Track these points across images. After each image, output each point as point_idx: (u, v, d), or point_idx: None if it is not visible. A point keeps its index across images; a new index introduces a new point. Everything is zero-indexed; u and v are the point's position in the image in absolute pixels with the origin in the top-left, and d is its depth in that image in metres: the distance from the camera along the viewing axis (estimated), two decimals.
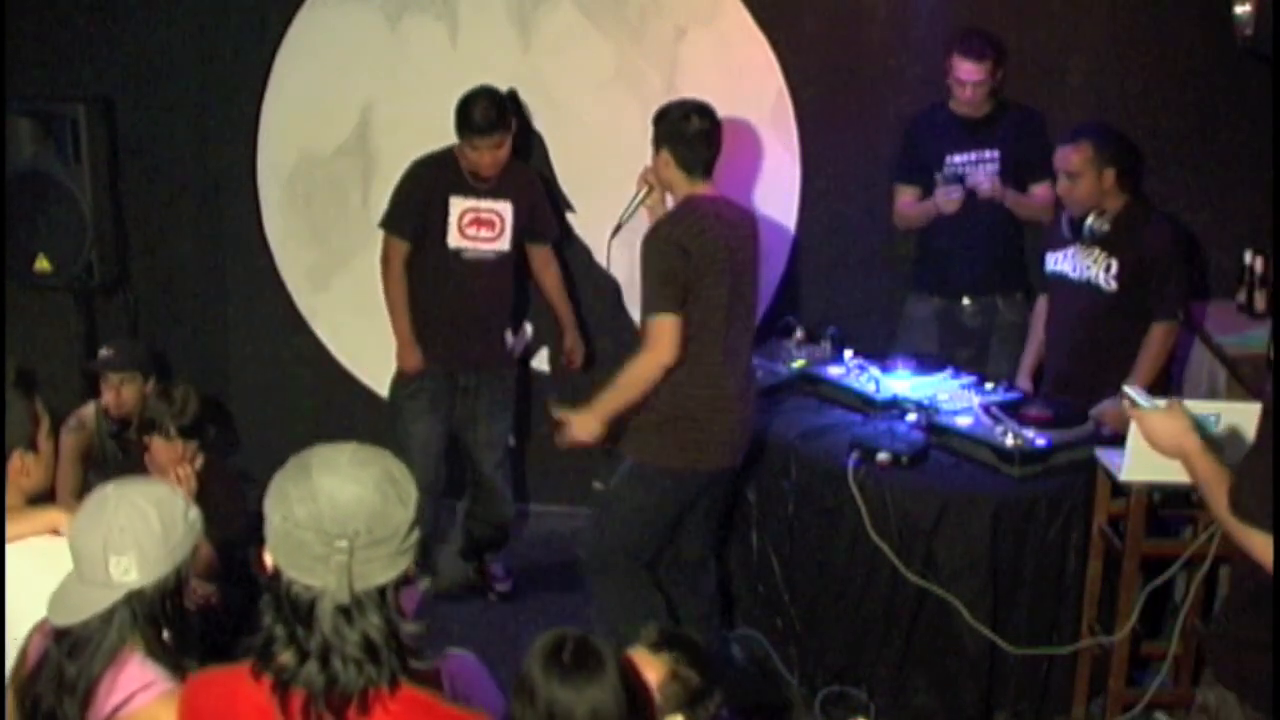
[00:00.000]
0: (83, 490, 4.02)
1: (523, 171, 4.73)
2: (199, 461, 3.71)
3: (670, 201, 3.82)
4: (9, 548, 2.46)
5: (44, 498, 2.69)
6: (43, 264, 5.04)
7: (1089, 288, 4.16)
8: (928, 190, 4.70)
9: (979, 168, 4.64)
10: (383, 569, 1.81)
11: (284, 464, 1.91)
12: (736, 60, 4.98)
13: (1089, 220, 4.12)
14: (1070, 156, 4.09)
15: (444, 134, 5.03)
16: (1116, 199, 4.13)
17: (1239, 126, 4.67)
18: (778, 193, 5.07)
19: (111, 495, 2.21)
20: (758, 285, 3.91)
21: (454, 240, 4.53)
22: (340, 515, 1.78)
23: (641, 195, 3.94)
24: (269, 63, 5.20)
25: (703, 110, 3.72)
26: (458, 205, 4.51)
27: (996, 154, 4.61)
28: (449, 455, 4.75)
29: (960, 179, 4.61)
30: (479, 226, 4.54)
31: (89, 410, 4.49)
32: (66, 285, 5.11)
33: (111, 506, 2.19)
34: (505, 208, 4.55)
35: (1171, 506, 3.67)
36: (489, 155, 4.42)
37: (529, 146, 5.11)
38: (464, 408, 4.69)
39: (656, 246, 3.66)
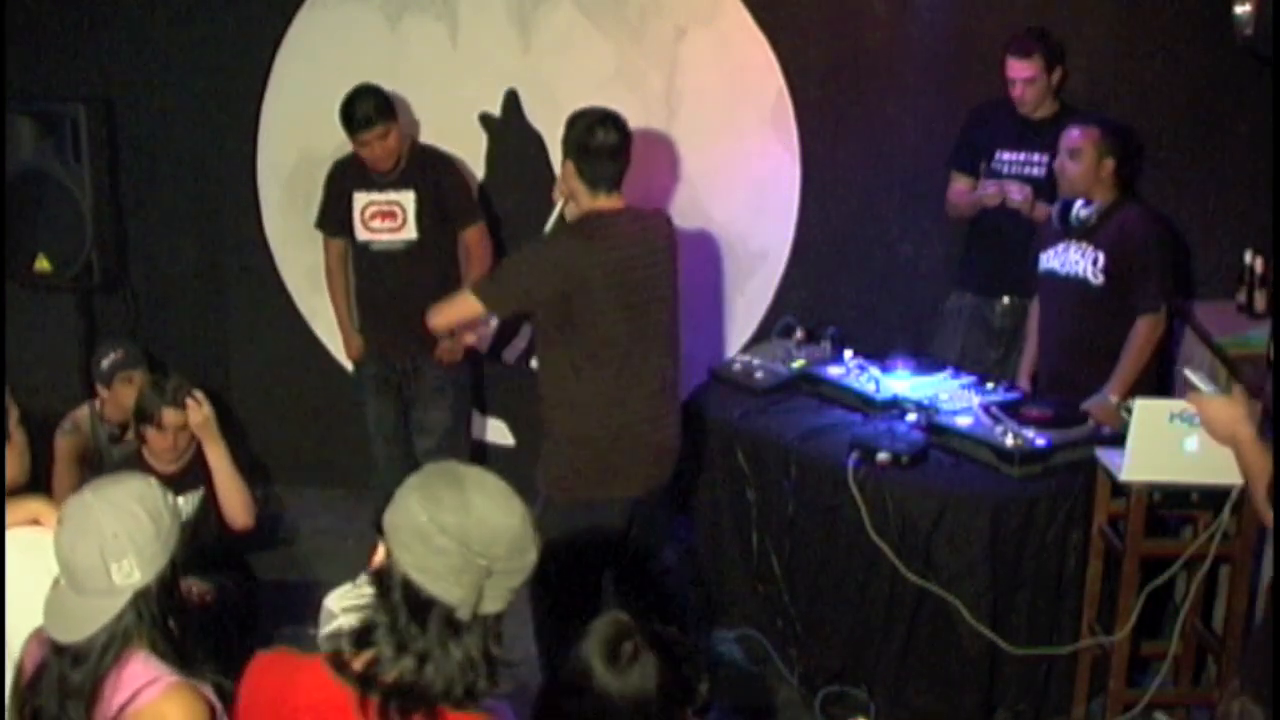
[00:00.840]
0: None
1: (433, 159, 4.80)
2: (203, 401, 3.75)
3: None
4: None
5: (21, 489, 2.66)
6: (43, 264, 5.04)
7: (1077, 282, 4.17)
8: (978, 181, 4.66)
9: (1025, 169, 4.59)
10: (499, 599, 1.85)
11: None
12: (736, 60, 4.98)
13: (1076, 207, 4.14)
14: (1076, 136, 4.13)
15: (444, 134, 5.05)
16: (1107, 192, 4.16)
17: (1239, 126, 4.68)
18: (778, 193, 5.07)
19: (93, 502, 2.17)
20: (675, 298, 3.67)
21: (360, 234, 4.72)
22: (488, 537, 1.81)
23: (559, 207, 3.78)
24: (269, 63, 5.20)
25: (611, 121, 3.56)
26: (360, 200, 4.69)
27: (1045, 159, 4.47)
28: (401, 436, 4.88)
29: (998, 176, 4.58)
30: (381, 218, 4.69)
31: (83, 413, 4.48)
32: (66, 285, 5.11)
33: (97, 514, 2.15)
34: (407, 197, 4.66)
35: (1171, 506, 3.68)
36: (378, 147, 4.55)
37: (525, 146, 5.12)
38: (408, 390, 4.87)
39: (538, 253, 3.62)
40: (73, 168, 4.97)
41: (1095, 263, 4.13)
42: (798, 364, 4.49)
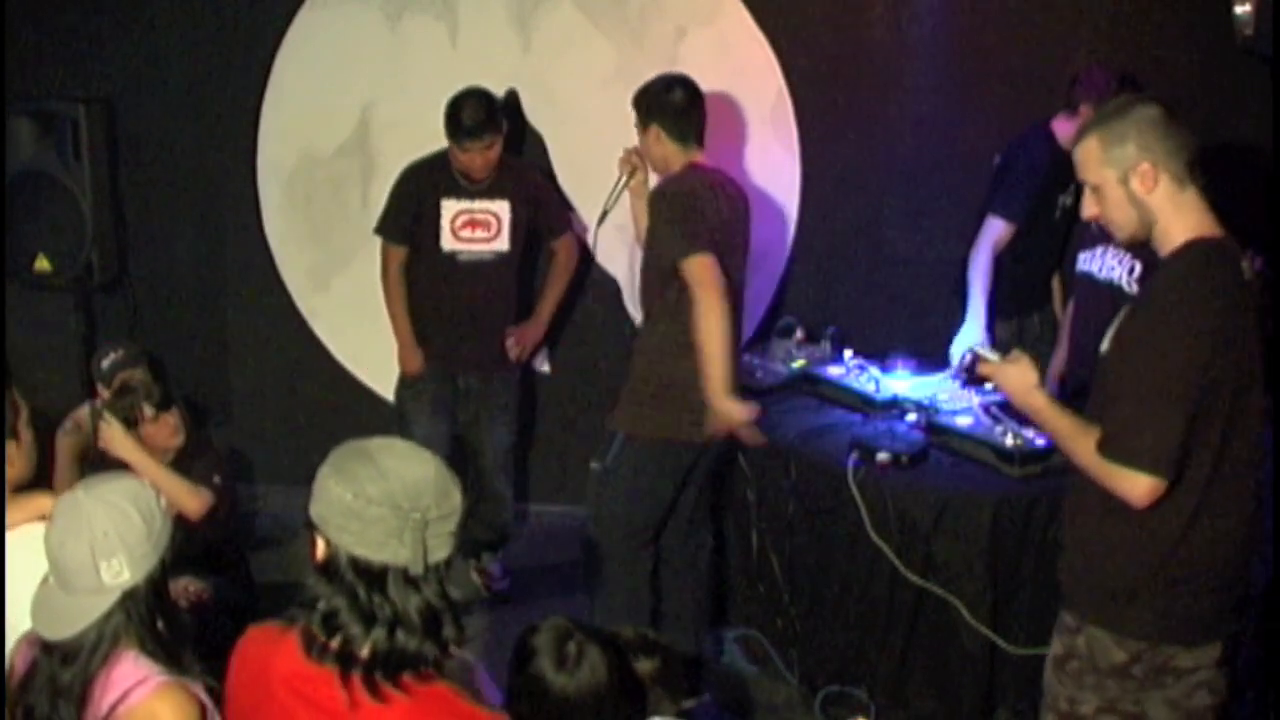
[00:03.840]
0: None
1: (520, 168, 4.72)
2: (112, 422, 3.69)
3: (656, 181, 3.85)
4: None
5: (29, 486, 2.67)
6: (43, 263, 5.03)
7: (1111, 289, 4.12)
8: (1027, 226, 4.45)
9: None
10: (443, 545, 1.92)
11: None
12: (736, 60, 4.98)
13: None
14: None
15: (444, 134, 5.04)
16: None
17: (1239, 127, 4.67)
18: (778, 193, 5.07)
19: (84, 500, 2.18)
20: (747, 263, 3.90)
21: (448, 243, 4.53)
22: (411, 491, 1.88)
23: (625, 179, 3.96)
24: (269, 63, 5.20)
25: (685, 81, 3.80)
26: (450, 208, 4.51)
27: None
28: (453, 458, 4.74)
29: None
30: (473, 228, 4.53)
31: (83, 412, 4.47)
32: (66, 285, 5.11)
33: (88, 511, 2.16)
34: (501, 207, 4.55)
35: None
36: (480, 158, 4.41)
37: (526, 146, 5.12)
38: (466, 410, 4.71)
39: (669, 197, 3.68)
40: (73, 168, 4.96)
41: (1131, 271, 4.06)
42: (798, 364, 4.50)
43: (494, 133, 4.40)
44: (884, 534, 3.73)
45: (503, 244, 4.56)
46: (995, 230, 4.46)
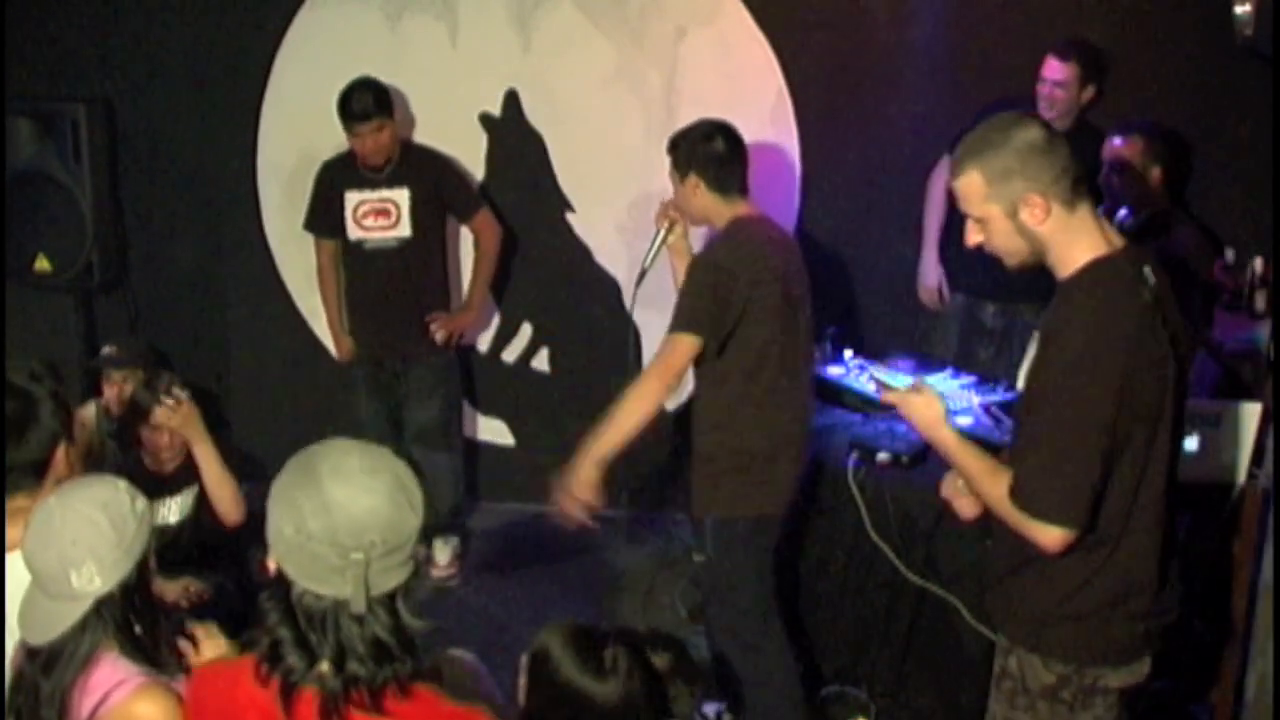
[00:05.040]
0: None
1: (423, 155, 4.85)
2: (184, 400, 3.66)
3: (701, 235, 3.67)
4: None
5: None
6: (43, 264, 5.04)
7: None
8: None
9: None
10: (395, 575, 1.84)
11: (283, 462, 1.91)
12: (736, 60, 4.98)
13: (1119, 216, 4.11)
14: (1119, 145, 4.08)
15: (444, 134, 5.05)
16: (1156, 201, 4.11)
17: (1239, 127, 4.67)
18: (778, 193, 5.07)
19: (56, 508, 2.17)
20: (808, 300, 3.60)
21: (353, 232, 4.74)
22: (355, 528, 1.79)
23: (663, 234, 3.67)
24: (269, 63, 5.20)
25: (724, 128, 3.50)
26: (352, 198, 4.72)
27: None
28: (392, 437, 4.85)
29: None
30: (375, 216, 4.72)
31: (89, 410, 4.48)
32: (66, 285, 5.11)
33: (59, 520, 2.15)
34: (400, 194, 4.71)
35: None
36: (370, 140, 4.58)
37: (525, 146, 5.12)
38: (396, 392, 4.90)
39: (705, 265, 3.40)
40: (73, 168, 4.97)
41: None
42: None
43: (381, 115, 4.57)
44: (884, 534, 3.73)
45: (404, 230, 4.71)
46: (947, 165, 4.52)
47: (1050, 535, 2.42)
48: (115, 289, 5.33)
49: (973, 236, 2.54)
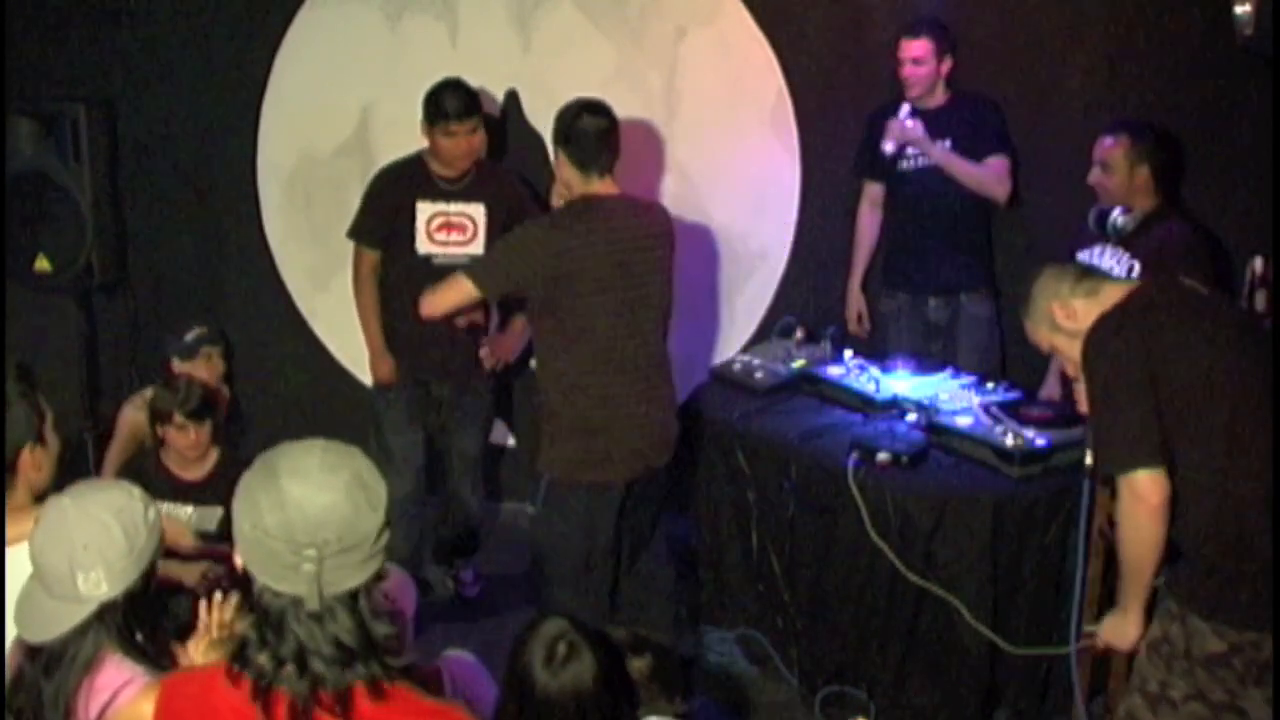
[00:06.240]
0: (124, 470, 4.13)
1: (498, 172, 4.61)
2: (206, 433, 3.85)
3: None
4: (14, 547, 2.44)
5: (52, 492, 2.66)
6: (43, 264, 5.04)
7: None
8: (890, 186, 4.78)
9: (923, 160, 4.66)
10: (353, 574, 1.81)
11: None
12: (736, 60, 4.98)
13: (1114, 215, 4.11)
14: (1107, 145, 4.11)
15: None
16: (1148, 199, 4.13)
17: (1239, 127, 4.67)
18: (778, 193, 5.07)
19: (70, 509, 2.17)
20: (669, 285, 3.75)
21: (423, 246, 4.41)
22: (310, 525, 1.77)
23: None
24: (269, 63, 5.20)
25: (596, 106, 3.69)
26: (425, 210, 4.40)
27: (948, 142, 4.60)
28: (430, 465, 4.72)
29: (899, 170, 4.69)
30: (449, 231, 4.42)
31: (138, 414, 4.45)
32: (66, 285, 5.11)
33: (71, 521, 2.15)
34: (478, 210, 4.43)
35: None
36: (464, 142, 4.28)
37: (525, 146, 5.12)
38: (437, 417, 4.65)
39: (521, 227, 3.72)
40: (73, 168, 4.97)
41: (1130, 271, 4.07)
42: (798, 364, 4.50)
43: (478, 115, 4.33)
44: (884, 534, 3.73)
45: (478, 248, 4.39)
46: (866, 191, 4.87)
47: (1138, 483, 2.65)
48: (115, 289, 5.33)
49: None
